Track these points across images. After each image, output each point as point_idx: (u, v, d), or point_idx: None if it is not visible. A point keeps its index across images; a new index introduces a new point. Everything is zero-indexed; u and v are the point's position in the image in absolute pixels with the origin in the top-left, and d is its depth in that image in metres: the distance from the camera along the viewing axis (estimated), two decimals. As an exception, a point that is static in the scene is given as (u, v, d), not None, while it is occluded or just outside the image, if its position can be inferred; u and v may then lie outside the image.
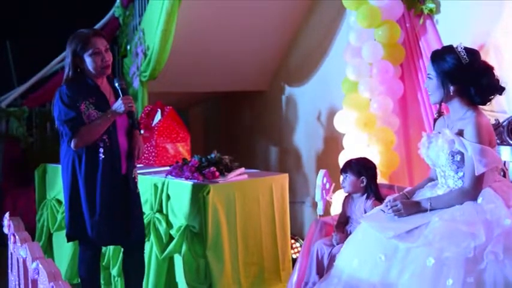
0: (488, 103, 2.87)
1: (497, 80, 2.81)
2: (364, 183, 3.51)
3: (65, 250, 4.68)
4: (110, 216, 3.33)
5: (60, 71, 7.28)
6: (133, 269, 3.59)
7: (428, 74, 2.87)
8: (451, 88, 2.78)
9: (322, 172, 3.67)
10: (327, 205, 3.78)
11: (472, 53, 2.78)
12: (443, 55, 2.80)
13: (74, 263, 4.56)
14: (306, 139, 5.73)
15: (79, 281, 3.63)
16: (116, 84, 3.35)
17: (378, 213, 2.93)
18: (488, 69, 2.81)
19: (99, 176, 3.30)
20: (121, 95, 3.31)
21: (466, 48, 2.78)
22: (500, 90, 2.82)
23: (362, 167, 3.53)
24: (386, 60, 4.16)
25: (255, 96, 6.54)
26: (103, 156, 3.30)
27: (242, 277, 3.98)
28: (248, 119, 6.85)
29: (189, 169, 3.98)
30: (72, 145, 3.23)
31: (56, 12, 8.61)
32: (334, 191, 4.21)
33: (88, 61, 3.29)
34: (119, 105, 3.26)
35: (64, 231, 3.51)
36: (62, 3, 8.62)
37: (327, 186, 3.65)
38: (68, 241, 3.48)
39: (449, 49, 2.81)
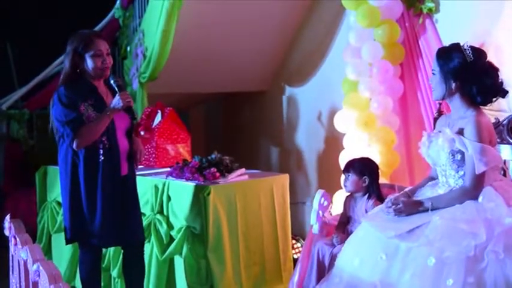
0: (490, 104, 2.86)
1: (501, 82, 2.81)
2: (366, 183, 3.51)
3: (63, 252, 4.68)
4: (110, 218, 3.33)
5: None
6: (133, 271, 3.58)
7: (432, 70, 2.88)
8: (453, 85, 2.78)
9: (319, 193, 3.61)
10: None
11: (478, 52, 2.79)
12: (448, 52, 2.81)
13: (73, 264, 4.57)
14: (306, 139, 5.73)
15: (77, 283, 3.62)
16: (112, 82, 3.33)
17: (378, 212, 2.93)
18: (493, 69, 2.80)
19: (100, 177, 3.29)
20: (118, 91, 3.30)
21: (472, 47, 2.78)
22: (503, 92, 2.81)
23: (364, 167, 3.53)
24: (386, 60, 4.16)
25: (255, 96, 6.54)
26: (103, 158, 3.29)
27: (243, 278, 3.98)
28: (248, 119, 6.85)
29: (189, 170, 3.98)
30: (74, 146, 3.23)
31: (56, 14, 8.62)
32: (334, 192, 4.22)
33: (88, 61, 3.28)
34: (117, 101, 3.25)
35: (63, 233, 3.50)
36: (62, 5, 8.63)
37: (325, 204, 3.61)
38: (67, 244, 3.48)
39: (455, 46, 2.81)
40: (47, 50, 7.29)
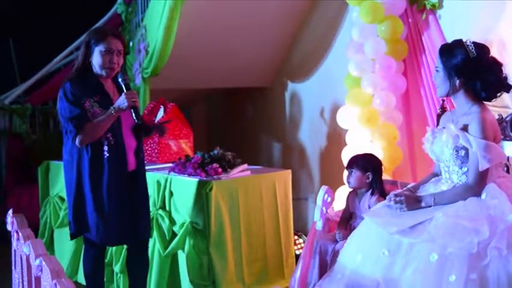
0: (494, 99, 2.86)
1: (505, 77, 2.80)
2: (370, 179, 3.50)
3: (66, 247, 4.69)
4: (117, 216, 3.30)
5: (63, 68, 7.31)
6: (137, 266, 3.58)
7: (436, 67, 2.87)
8: (457, 81, 2.78)
9: (323, 189, 3.60)
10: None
11: (481, 48, 2.78)
12: (451, 48, 2.81)
13: (75, 259, 4.57)
14: (309, 135, 5.73)
15: (79, 277, 3.61)
16: (120, 80, 3.31)
17: (381, 208, 2.93)
18: (496, 65, 2.80)
19: (105, 174, 3.27)
20: (124, 90, 3.28)
21: (475, 43, 2.77)
22: (507, 87, 2.81)
23: (368, 163, 3.53)
24: (389, 56, 4.15)
25: (258, 92, 6.54)
26: (107, 155, 3.27)
27: (245, 274, 3.98)
28: (251, 115, 6.85)
29: (191, 166, 3.98)
30: (77, 142, 3.22)
31: (58, 9, 8.62)
32: (336, 187, 4.22)
33: (96, 57, 3.27)
34: (122, 100, 3.22)
35: (66, 228, 3.49)
36: (64, 0, 8.63)
37: (328, 200, 3.60)
38: (72, 239, 3.48)
39: (458, 43, 2.81)
40: (49, 45, 7.30)
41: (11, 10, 8.69)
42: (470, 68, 2.75)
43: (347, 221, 3.56)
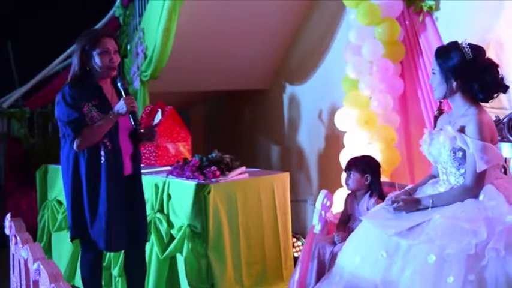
0: (491, 100, 2.86)
1: (502, 78, 2.80)
2: (368, 181, 3.50)
3: (64, 250, 4.68)
4: (113, 222, 3.29)
5: (62, 72, 7.31)
6: (135, 270, 3.58)
7: (432, 70, 2.88)
8: (454, 84, 2.78)
9: (322, 193, 3.58)
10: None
11: (477, 49, 2.78)
12: (447, 50, 2.81)
13: (73, 263, 4.57)
14: (307, 137, 5.73)
15: (77, 281, 3.60)
16: (119, 84, 3.32)
17: (379, 210, 2.93)
18: (493, 66, 2.80)
19: (102, 180, 3.27)
20: (123, 95, 3.28)
21: (470, 45, 2.77)
22: (504, 88, 2.81)
23: (367, 165, 3.53)
24: (387, 58, 4.15)
25: (256, 95, 6.54)
26: (104, 160, 3.27)
27: (244, 276, 3.98)
28: (249, 118, 6.85)
29: (190, 169, 3.98)
30: (74, 146, 3.22)
31: (56, 12, 8.62)
32: (335, 190, 4.22)
33: (95, 60, 3.26)
34: (121, 105, 3.22)
35: (64, 232, 3.49)
36: (62, 3, 8.63)
37: (327, 204, 3.59)
38: (71, 241, 3.48)
39: (454, 45, 2.81)
40: (47, 48, 7.31)
41: (11, 10, 8.69)
42: (467, 70, 2.75)
43: (345, 223, 3.55)
